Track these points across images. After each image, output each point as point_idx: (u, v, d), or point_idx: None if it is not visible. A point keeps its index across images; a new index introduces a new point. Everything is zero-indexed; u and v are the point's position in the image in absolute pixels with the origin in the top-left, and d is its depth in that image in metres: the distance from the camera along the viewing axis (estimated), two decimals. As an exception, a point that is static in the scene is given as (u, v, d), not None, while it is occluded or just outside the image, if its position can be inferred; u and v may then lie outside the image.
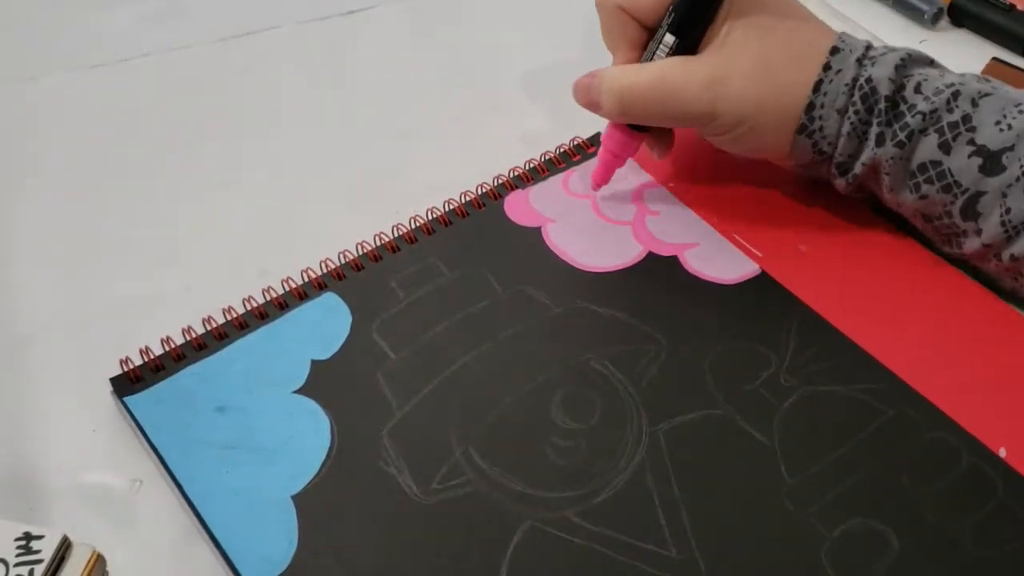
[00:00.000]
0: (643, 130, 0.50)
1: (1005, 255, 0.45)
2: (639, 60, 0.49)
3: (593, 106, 0.49)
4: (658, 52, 0.48)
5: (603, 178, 0.52)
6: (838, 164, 0.47)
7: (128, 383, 0.43)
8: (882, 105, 0.45)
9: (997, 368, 0.45)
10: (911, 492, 0.41)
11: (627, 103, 0.48)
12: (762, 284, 0.48)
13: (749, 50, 0.47)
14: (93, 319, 0.47)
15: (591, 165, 0.53)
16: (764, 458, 0.42)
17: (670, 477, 0.41)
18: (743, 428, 0.43)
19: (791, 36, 0.47)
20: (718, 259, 0.49)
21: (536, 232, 0.50)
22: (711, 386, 0.44)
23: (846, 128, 0.46)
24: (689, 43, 0.47)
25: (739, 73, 0.46)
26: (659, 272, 0.49)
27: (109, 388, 0.43)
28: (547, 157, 0.54)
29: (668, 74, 0.47)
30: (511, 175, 0.53)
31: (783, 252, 0.49)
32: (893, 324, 0.47)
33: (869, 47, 0.47)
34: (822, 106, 0.46)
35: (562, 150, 0.54)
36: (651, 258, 0.49)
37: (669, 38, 0.47)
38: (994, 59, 0.60)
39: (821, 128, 0.46)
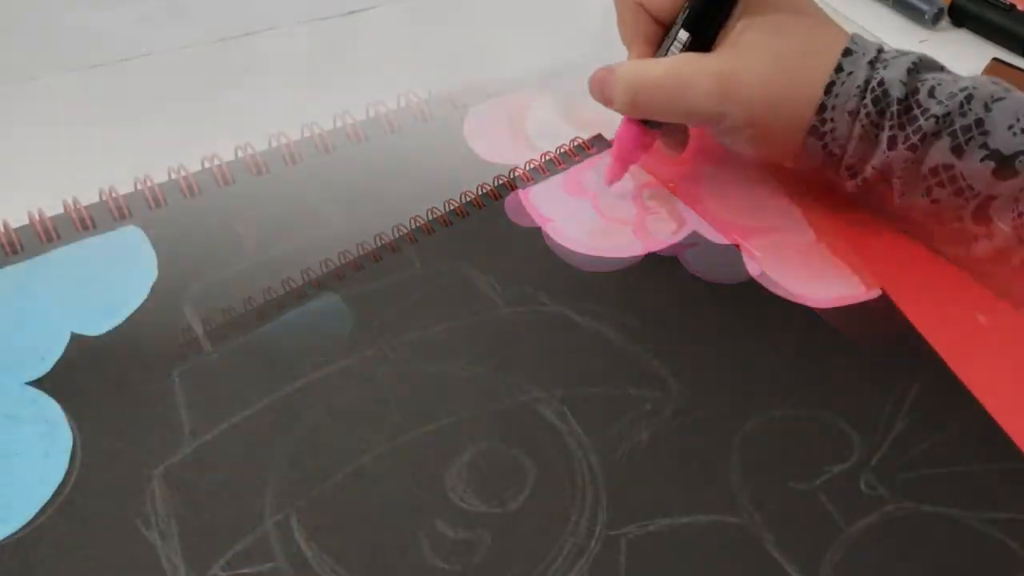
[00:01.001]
0: (655, 126, 0.50)
1: (1016, 260, 0.45)
2: (653, 56, 0.49)
3: (607, 101, 0.49)
4: (672, 48, 0.48)
5: (617, 174, 0.52)
6: (848, 167, 0.47)
7: None
8: (895, 108, 0.45)
9: (1008, 369, 0.45)
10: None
11: (639, 98, 0.48)
12: (763, 285, 0.48)
13: (762, 49, 0.46)
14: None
15: (592, 165, 0.53)
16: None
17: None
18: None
19: (805, 37, 0.47)
20: (718, 260, 0.49)
21: (536, 232, 0.50)
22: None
23: (857, 131, 0.45)
24: (703, 40, 0.47)
25: (751, 71, 0.46)
26: (659, 272, 0.49)
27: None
28: (547, 157, 0.54)
29: (680, 69, 0.47)
30: (511, 175, 0.53)
31: (784, 252, 0.49)
32: (893, 324, 0.47)
33: (881, 50, 0.46)
34: (833, 108, 0.45)
35: (562, 150, 0.54)
36: (651, 258, 0.49)
37: (683, 34, 0.47)
38: (994, 59, 0.60)
39: (832, 130, 0.46)
